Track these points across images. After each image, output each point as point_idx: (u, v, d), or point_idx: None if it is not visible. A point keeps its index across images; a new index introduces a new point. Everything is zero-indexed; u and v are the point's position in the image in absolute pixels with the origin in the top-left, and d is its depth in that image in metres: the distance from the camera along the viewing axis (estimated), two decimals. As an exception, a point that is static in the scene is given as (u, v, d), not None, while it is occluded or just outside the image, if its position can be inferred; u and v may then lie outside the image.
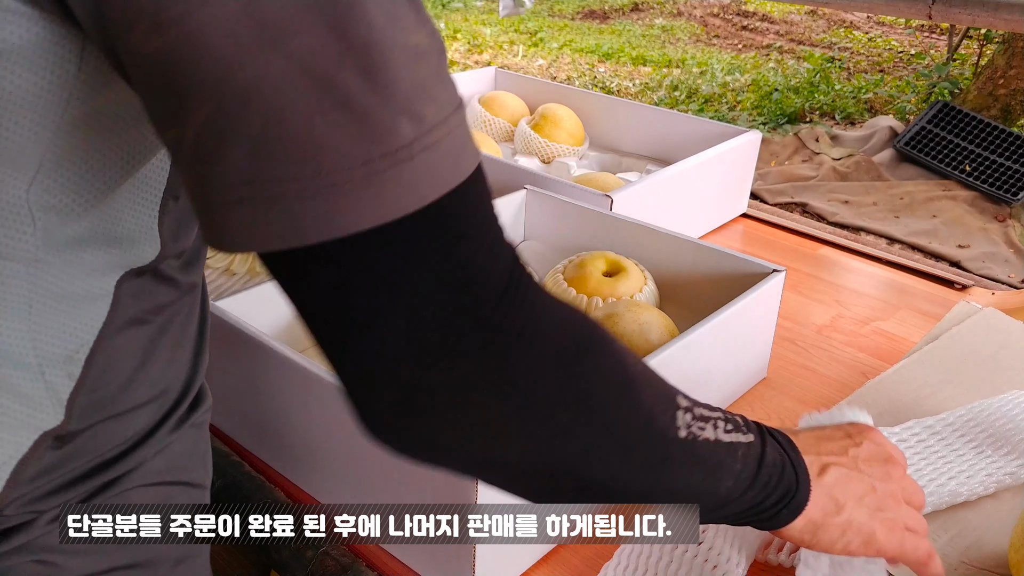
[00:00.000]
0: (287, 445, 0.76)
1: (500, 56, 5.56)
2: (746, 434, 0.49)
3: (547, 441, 0.39)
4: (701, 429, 0.45)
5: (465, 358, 0.36)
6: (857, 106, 4.43)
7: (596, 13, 6.82)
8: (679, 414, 0.45)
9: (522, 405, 0.38)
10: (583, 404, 0.40)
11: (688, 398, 0.46)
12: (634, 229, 0.99)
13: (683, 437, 0.44)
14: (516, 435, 0.38)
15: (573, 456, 0.40)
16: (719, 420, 0.47)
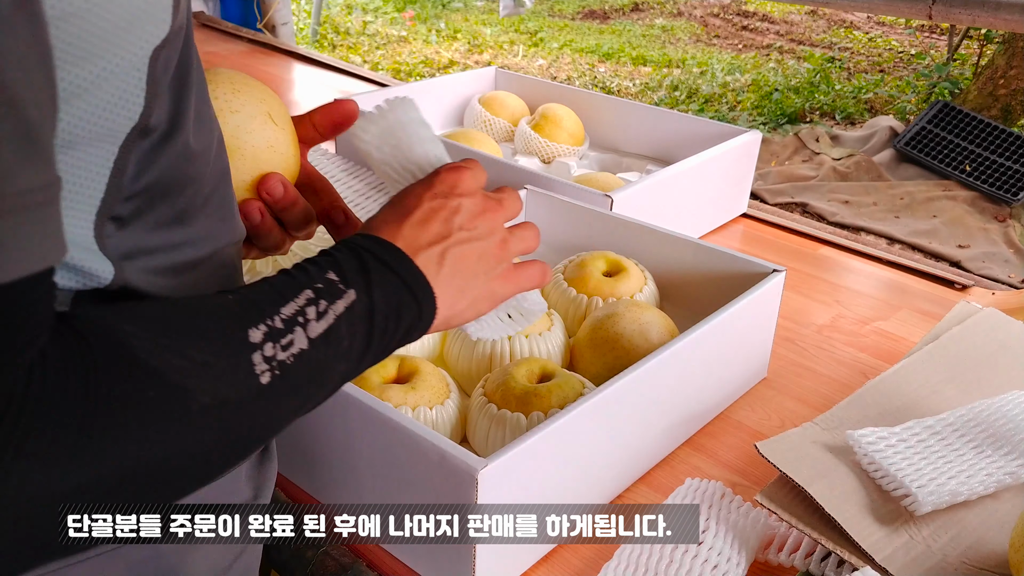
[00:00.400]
0: (287, 445, 0.76)
1: (500, 56, 5.56)
2: (344, 293, 0.43)
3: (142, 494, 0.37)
4: (288, 345, 0.40)
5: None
6: (857, 106, 4.43)
7: (596, 13, 6.82)
8: (255, 358, 0.39)
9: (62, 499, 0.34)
10: (154, 464, 0.36)
11: (265, 312, 0.41)
12: (634, 229, 0.99)
13: (269, 381, 0.39)
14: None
15: (173, 487, 0.38)
16: (307, 308, 0.42)
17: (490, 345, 0.82)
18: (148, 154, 0.41)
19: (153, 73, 0.39)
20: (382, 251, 0.47)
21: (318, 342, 0.42)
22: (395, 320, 0.46)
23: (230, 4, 2.66)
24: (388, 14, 6.34)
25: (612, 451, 0.72)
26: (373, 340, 0.45)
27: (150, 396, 0.36)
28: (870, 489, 0.69)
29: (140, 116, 0.39)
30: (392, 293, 0.46)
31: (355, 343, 0.44)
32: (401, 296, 0.46)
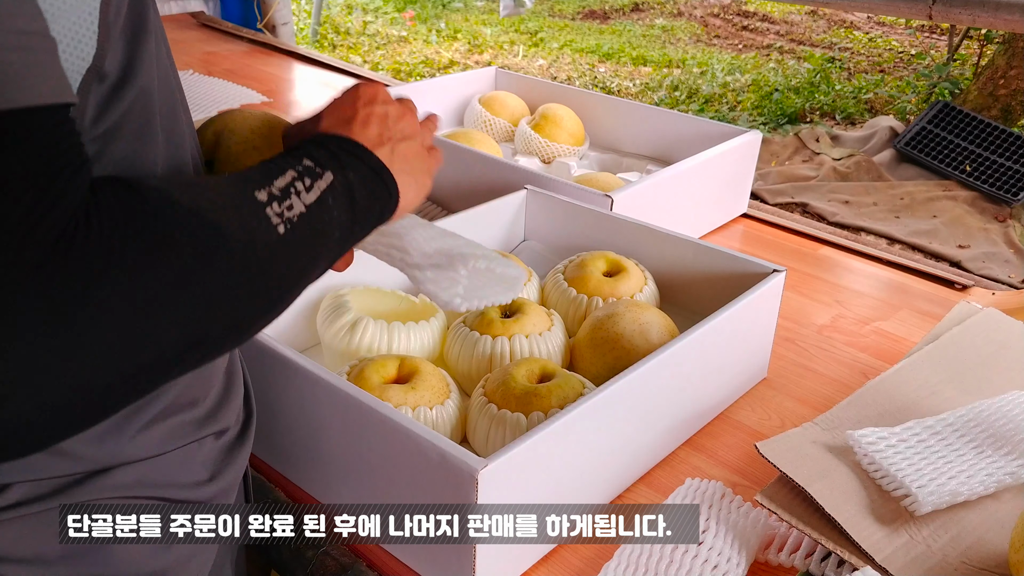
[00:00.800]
0: (287, 445, 0.76)
1: (500, 56, 5.56)
2: (323, 174, 0.48)
3: (164, 342, 0.38)
4: (291, 208, 0.45)
5: (23, 316, 0.33)
6: (857, 106, 4.43)
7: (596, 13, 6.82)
8: (267, 211, 0.43)
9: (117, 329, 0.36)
10: (182, 295, 0.38)
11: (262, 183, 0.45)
12: (634, 229, 0.99)
13: (284, 232, 0.44)
14: (125, 355, 0.37)
15: (198, 331, 0.40)
16: (295, 182, 0.46)
17: (490, 345, 0.82)
18: (106, 98, 0.43)
19: (104, 18, 0.41)
20: (346, 144, 0.52)
21: (312, 208, 0.46)
22: (370, 199, 0.51)
23: (230, 4, 2.66)
24: (388, 14, 6.34)
25: (612, 451, 0.72)
26: (356, 214, 0.49)
27: (191, 224, 0.39)
28: (870, 489, 0.69)
29: (94, 58, 0.41)
30: (363, 176, 0.51)
31: (342, 214, 0.48)
32: (371, 179, 0.52)
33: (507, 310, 0.87)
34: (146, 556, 0.51)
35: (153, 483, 0.51)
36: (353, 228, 0.50)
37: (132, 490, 0.50)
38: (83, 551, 0.48)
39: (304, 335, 0.90)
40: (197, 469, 0.54)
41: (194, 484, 0.54)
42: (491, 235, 1.06)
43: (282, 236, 0.43)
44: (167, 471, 0.51)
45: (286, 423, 0.74)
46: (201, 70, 1.98)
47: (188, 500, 0.53)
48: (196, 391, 0.54)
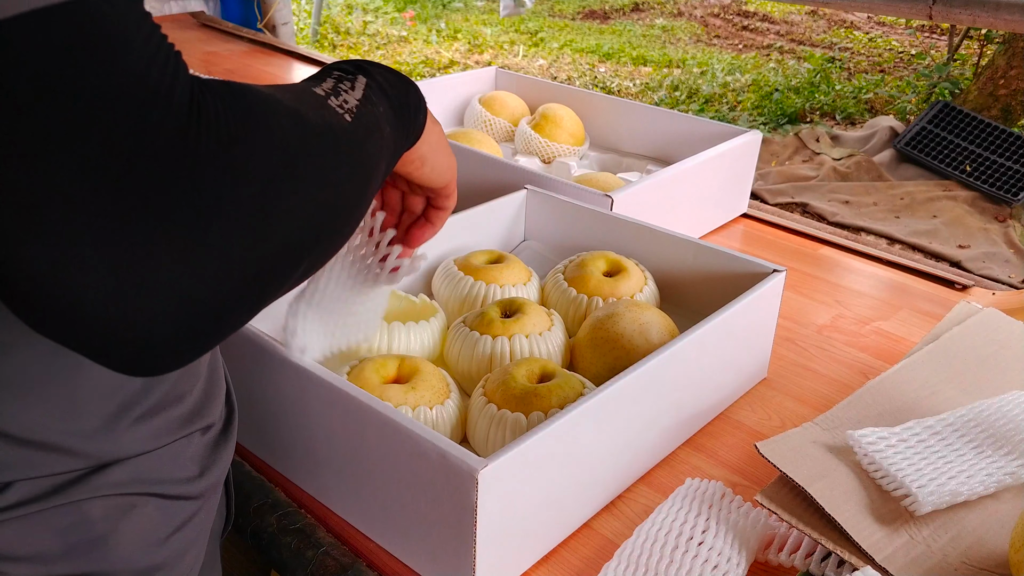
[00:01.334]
0: (287, 444, 0.76)
1: (501, 56, 5.56)
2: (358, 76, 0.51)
3: (284, 218, 0.38)
4: (346, 102, 0.47)
5: (152, 185, 0.32)
6: (857, 106, 4.43)
7: (596, 13, 6.82)
8: (330, 102, 0.45)
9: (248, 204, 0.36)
10: (294, 170, 0.39)
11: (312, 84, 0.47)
12: (634, 229, 0.99)
13: (350, 121, 0.45)
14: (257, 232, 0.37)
15: (308, 209, 0.40)
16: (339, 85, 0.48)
17: (490, 345, 0.82)
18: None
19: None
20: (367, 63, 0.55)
21: (363, 101, 0.48)
22: (404, 97, 0.54)
23: (230, 4, 2.66)
24: (388, 14, 6.34)
25: (612, 451, 0.72)
26: (395, 109, 0.52)
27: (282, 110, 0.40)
28: (870, 489, 0.69)
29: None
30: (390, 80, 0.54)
31: (385, 111, 0.51)
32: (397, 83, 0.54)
33: (507, 310, 0.87)
34: (143, 551, 0.51)
35: (147, 480, 0.51)
36: (398, 124, 0.52)
37: (128, 487, 0.50)
38: (83, 548, 0.48)
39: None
40: (187, 465, 0.54)
41: (186, 479, 0.54)
42: (491, 235, 1.06)
43: (350, 123, 0.45)
44: (159, 467, 0.52)
45: (286, 422, 0.74)
46: (201, 70, 1.98)
47: (181, 495, 0.54)
48: (182, 386, 0.54)
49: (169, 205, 0.33)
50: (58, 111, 0.30)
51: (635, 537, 0.67)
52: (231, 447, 0.60)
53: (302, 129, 0.40)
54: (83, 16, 0.30)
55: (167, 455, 0.52)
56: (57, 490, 0.47)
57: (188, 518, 0.55)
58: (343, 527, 0.72)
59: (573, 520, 0.71)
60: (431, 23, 6.19)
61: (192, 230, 0.34)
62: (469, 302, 0.92)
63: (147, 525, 0.51)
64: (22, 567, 0.46)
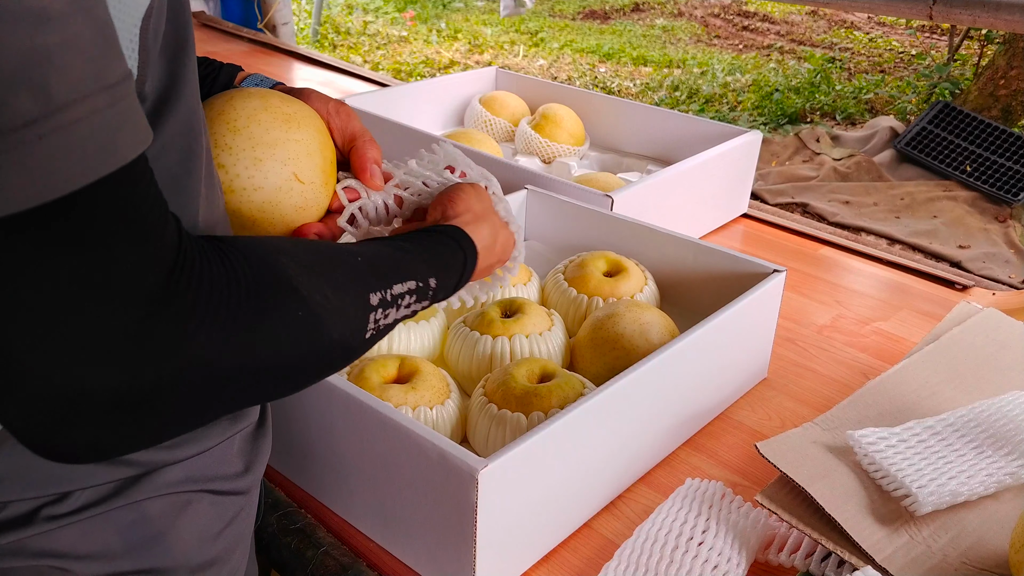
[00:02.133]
0: (287, 445, 0.76)
1: (501, 56, 5.56)
2: (428, 294, 0.51)
3: (230, 404, 0.40)
4: (386, 317, 0.47)
5: (118, 367, 0.33)
6: (858, 106, 4.43)
7: (597, 13, 6.82)
8: (371, 317, 0.45)
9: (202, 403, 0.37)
10: (272, 371, 0.39)
11: (382, 283, 0.47)
12: (635, 229, 0.99)
13: (368, 338, 0.46)
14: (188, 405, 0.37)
15: (258, 397, 0.41)
16: (406, 295, 0.49)
17: (490, 345, 0.82)
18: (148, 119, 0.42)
19: (144, 42, 0.40)
20: (472, 258, 0.57)
21: (399, 319, 0.49)
22: (456, 281, 0.56)
23: (231, 4, 2.66)
24: (389, 14, 6.34)
25: (612, 451, 0.72)
26: (417, 309, 0.52)
27: (297, 314, 0.40)
28: (870, 489, 0.69)
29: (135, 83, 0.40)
30: (451, 286, 0.56)
31: (416, 308, 0.51)
32: (455, 286, 0.56)
33: (507, 310, 0.87)
34: (200, 546, 0.53)
35: (200, 477, 0.52)
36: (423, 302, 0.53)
37: (183, 485, 0.51)
38: (144, 545, 0.50)
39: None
40: (235, 461, 0.56)
41: (234, 475, 0.55)
42: (491, 235, 1.06)
43: (366, 341, 0.46)
44: (210, 466, 0.53)
45: (286, 423, 0.74)
46: (201, 70, 1.98)
47: (231, 491, 0.55)
48: None
49: (123, 387, 0.34)
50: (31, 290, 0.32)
51: (635, 537, 0.67)
52: (269, 442, 0.61)
53: (300, 340, 0.40)
54: (74, 209, 0.32)
55: (215, 455, 0.54)
56: (117, 492, 0.48)
57: (237, 512, 0.56)
58: (343, 527, 0.72)
59: (573, 520, 0.71)
60: (431, 23, 6.19)
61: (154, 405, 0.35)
62: (469, 302, 0.92)
63: (202, 521, 0.53)
64: (87, 565, 0.48)
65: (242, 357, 0.37)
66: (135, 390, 0.34)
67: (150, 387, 0.34)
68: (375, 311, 0.45)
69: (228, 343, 0.37)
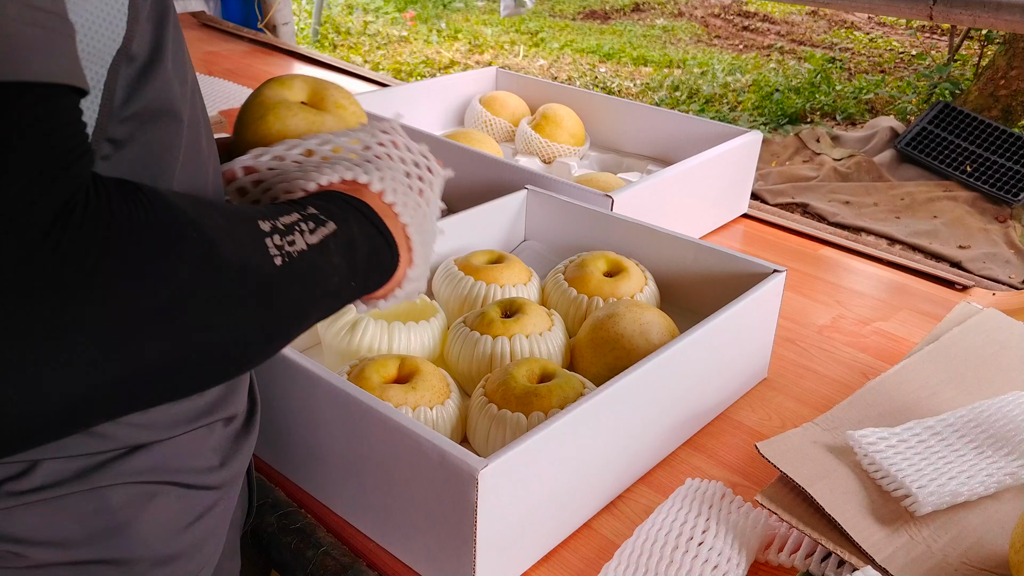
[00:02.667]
0: (287, 445, 0.76)
1: (501, 56, 5.56)
2: (327, 223, 0.48)
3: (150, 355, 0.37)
4: (292, 243, 0.45)
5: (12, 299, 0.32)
6: (858, 107, 4.43)
7: (597, 13, 6.82)
8: (268, 241, 0.43)
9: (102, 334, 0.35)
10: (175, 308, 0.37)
11: (268, 215, 0.45)
12: (635, 229, 0.99)
13: (280, 264, 0.43)
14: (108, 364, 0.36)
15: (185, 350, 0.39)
16: (299, 223, 0.46)
17: (490, 345, 0.82)
18: (135, 81, 0.44)
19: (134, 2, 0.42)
20: (352, 200, 0.52)
21: (314, 248, 0.46)
22: (374, 257, 0.52)
23: (231, 4, 2.66)
24: (389, 14, 6.34)
25: (612, 451, 0.72)
26: (356, 264, 0.50)
27: (191, 236, 0.39)
28: (870, 489, 0.69)
29: (123, 39, 0.42)
30: (368, 235, 0.51)
31: (341, 262, 0.48)
32: (375, 240, 0.52)
33: (507, 310, 0.87)
34: (164, 539, 0.52)
35: (168, 468, 0.52)
36: (351, 279, 0.50)
37: (149, 475, 0.51)
38: (104, 534, 0.49)
39: (304, 335, 0.90)
40: (208, 455, 0.55)
41: (207, 469, 0.55)
42: (491, 235, 1.06)
43: (278, 268, 0.43)
44: (181, 456, 0.52)
45: (286, 423, 0.74)
46: (202, 70, 1.98)
47: (202, 485, 0.54)
48: None
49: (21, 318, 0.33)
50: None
51: (635, 537, 0.67)
52: (253, 440, 0.61)
53: (205, 267, 0.39)
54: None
55: (189, 443, 0.53)
56: (80, 475, 0.47)
57: (208, 508, 0.55)
58: (343, 527, 0.72)
59: (573, 520, 0.71)
60: (432, 23, 6.19)
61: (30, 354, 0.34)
62: (469, 302, 0.92)
63: (168, 513, 0.52)
64: (44, 551, 0.47)
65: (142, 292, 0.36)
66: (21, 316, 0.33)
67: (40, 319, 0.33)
68: (270, 235, 0.44)
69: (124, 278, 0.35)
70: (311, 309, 0.47)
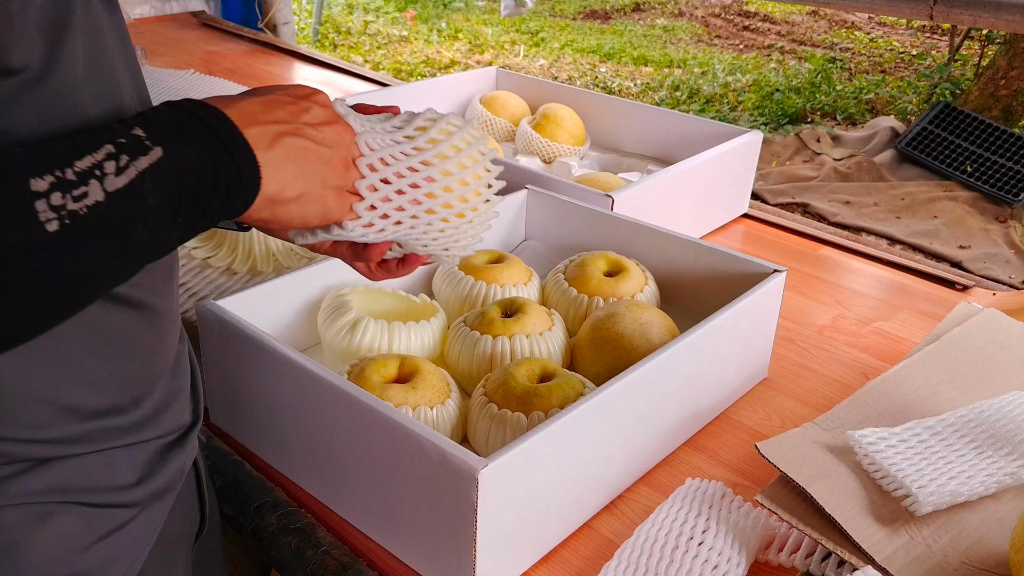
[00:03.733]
0: (288, 444, 0.76)
1: (501, 56, 5.56)
2: (150, 150, 0.41)
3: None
4: (80, 198, 0.38)
5: None
6: (858, 107, 4.43)
7: (597, 13, 6.82)
8: (39, 205, 0.37)
9: None
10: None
11: (52, 165, 0.38)
12: (635, 229, 0.99)
13: (57, 229, 0.37)
14: None
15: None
16: (105, 162, 0.39)
17: (491, 345, 0.82)
18: (11, 95, 0.40)
19: (7, 10, 0.38)
20: (204, 112, 0.44)
21: (117, 195, 0.39)
22: (210, 182, 0.43)
23: (231, 3, 2.66)
24: (389, 14, 6.34)
25: (612, 451, 0.72)
26: (184, 200, 0.42)
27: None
28: (870, 489, 0.69)
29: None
30: (207, 153, 0.43)
31: (163, 201, 0.41)
32: (218, 157, 0.43)
33: (508, 310, 0.87)
34: (61, 559, 0.50)
35: (68, 488, 0.49)
36: (176, 219, 0.42)
37: (45, 496, 0.48)
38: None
39: (304, 335, 0.90)
40: (123, 472, 0.52)
41: (119, 487, 0.51)
42: (492, 235, 1.06)
43: (51, 234, 0.37)
44: (85, 475, 0.49)
45: (286, 423, 0.74)
46: (202, 69, 1.98)
47: (111, 503, 0.51)
48: (118, 399, 0.51)
49: None
50: None
51: (635, 537, 0.67)
52: (188, 453, 0.58)
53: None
54: None
55: (96, 461, 0.50)
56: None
57: (118, 525, 0.52)
58: (343, 526, 0.72)
59: (573, 520, 0.71)
60: (432, 23, 6.19)
61: None
62: (470, 302, 0.92)
63: (66, 532, 0.49)
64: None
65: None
66: None
67: None
68: (46, 196, 0.37)
69: None
70: (112, 266, 0.42)
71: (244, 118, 0.46)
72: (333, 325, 0.84)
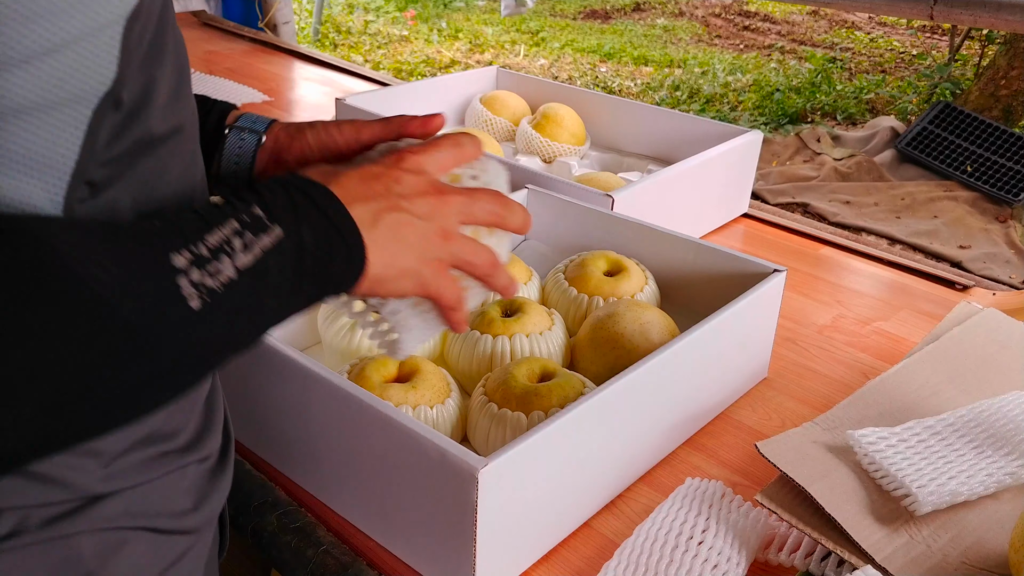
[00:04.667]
0: (288, 444, 0.76)
1: (502, 56, 5.56)
2: (271, 230, 0.41)
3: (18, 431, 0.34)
4: (216, 273, 0.38)
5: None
6: (858, 106, 4.43)
7: (598, 13, 6.82)
8: (182, 283, 0.37)
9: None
10: (57, 376, 0.34)
11: (188, 239, 0.39)
12: (635, 229, 0.99)
13: (200, 307, 0.38)
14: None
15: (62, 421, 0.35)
16: (233, 238, 0.40)
17: (491, 345, 0.82)
18: (120, 125, 0.41)
19: (127, 43, 0.39)
20: (313, 191, 0.45)
21: (246, 274, 0.40)
22: (325, 262, 0.44)
23: (232, 3, 2.66)
24: (390, 13, 6.34)
25: (612, 451, 0.72)
26: (303, 280, 0.43)
27: (73, 303, 0.34)
28: (870, 489, 0.69)
29: (113, 83, 0.39)
30: (321, 233, 0.44)
31: (283, 280, 0.42)
32: (331, 238, 0.44)
33: (508, 309, 0.87)
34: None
35: (140, 513, 0.49)
36: (294, 297, 0.43)
37: (119, 520, 0.48)
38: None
39: (304, 334, 0.90)
40: (182, 497, 0.53)
41: (180, 513, 0.52)
42: (492, 234, 1.06)
43: (196, 312, 0.38)
44: (152, 501, 0.50)
45: (287, 421, 0.74)
46: (202, 69, 1.98)
47: (175, 530, 0.52)
48: (174, 424, 0.52)
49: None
50: None
51: (635, 537, 0.67)
52: (228, 477, 0.58)
53: (86, 329, 0.34)
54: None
55: (160, 487, 0.51)
56: (48, 523, 0.45)
57: (182, 553, 0.53)
58: (343, 526, 0.72)
59: (573, 520, 0.71)
60: (432, 22, 6.19)
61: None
62: (470, 301, 0.92)
63: (139, 561, 0.50)
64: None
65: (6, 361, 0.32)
66: None
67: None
68: (186, 273, 0.38)
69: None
70: (237, 342, 0.42)
71: (348, 196, 0.46)
72: (333, 325, 0.84)
